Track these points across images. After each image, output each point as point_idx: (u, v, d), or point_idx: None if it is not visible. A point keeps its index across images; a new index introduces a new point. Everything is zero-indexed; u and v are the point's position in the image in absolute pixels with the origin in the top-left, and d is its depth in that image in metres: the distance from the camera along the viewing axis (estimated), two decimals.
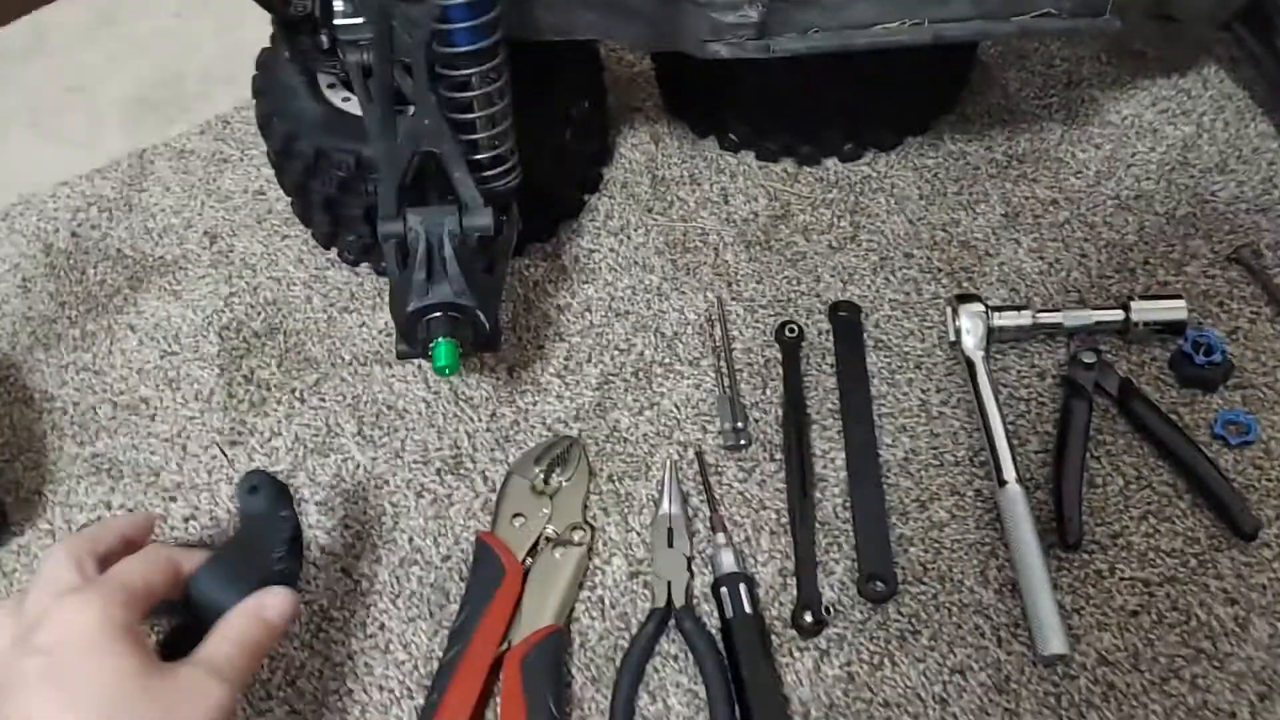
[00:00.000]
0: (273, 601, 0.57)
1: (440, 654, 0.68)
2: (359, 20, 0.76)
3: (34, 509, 0.78)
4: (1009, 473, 0.70)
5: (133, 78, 1.08)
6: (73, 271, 0.92)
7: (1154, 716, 0.63)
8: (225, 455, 0.79)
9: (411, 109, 0.72)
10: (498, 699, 0.66)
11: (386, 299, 0.85)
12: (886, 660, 0.66)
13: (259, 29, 0.91)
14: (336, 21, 0.77)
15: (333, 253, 0.89)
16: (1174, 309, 0.77)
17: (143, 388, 0.84)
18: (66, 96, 1.08)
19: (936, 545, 0.70)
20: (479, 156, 0.75)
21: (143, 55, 1.10)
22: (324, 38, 0.82)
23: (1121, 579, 0.68)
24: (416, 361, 0.82)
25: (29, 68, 1.11)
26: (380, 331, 0.84)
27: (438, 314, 0.70)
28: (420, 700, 0.67)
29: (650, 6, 0.75)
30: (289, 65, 0.86)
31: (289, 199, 0.91)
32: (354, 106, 0.83)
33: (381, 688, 0.68)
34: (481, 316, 0.71)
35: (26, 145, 1.04)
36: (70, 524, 0.77)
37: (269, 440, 0.79)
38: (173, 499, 0.77)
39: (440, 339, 0.70)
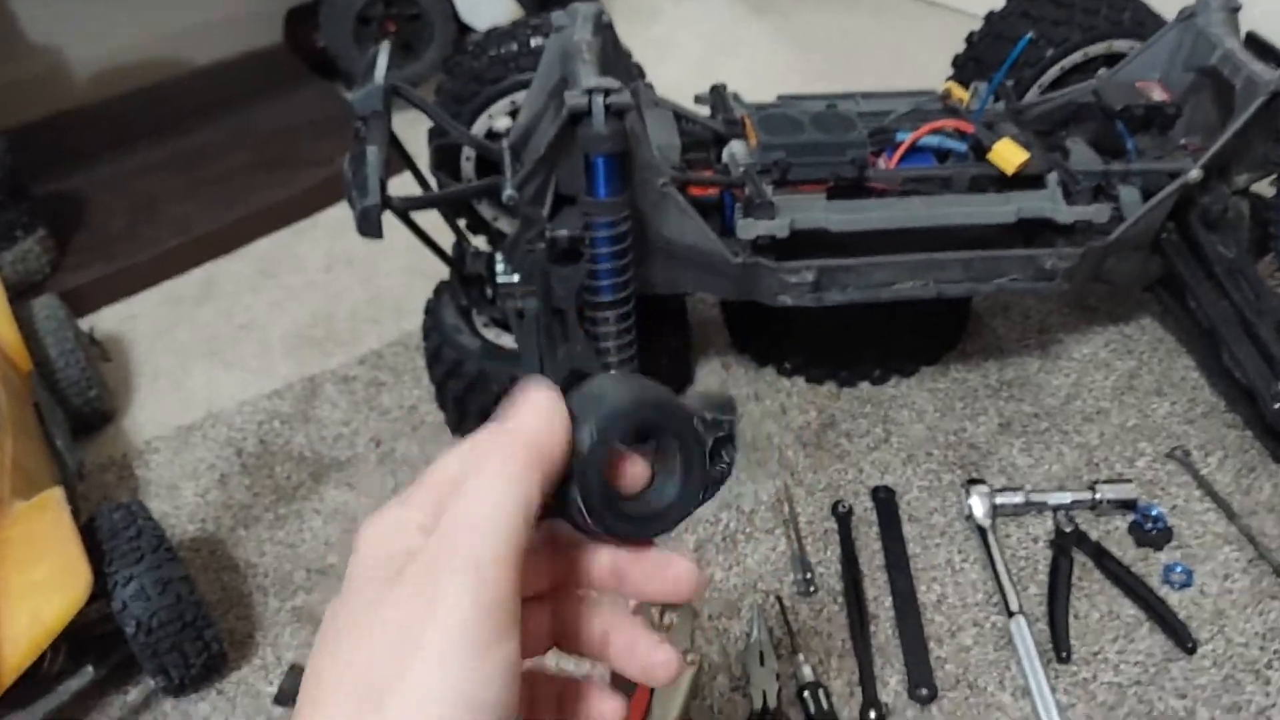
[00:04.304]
0: None
1: None
2: (515, 278, 1.11)
3: (248, 650, 1.05)
4: (1015, 607, 1.00)
5: (293, 319, 1.42)
6: (262, 469, 1.22)
7: None
8: None
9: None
10: None
11: None
12: None
13: (395, 281, 1.26)
14: (499, 279, 1.12)
15: None
16: (1128, 490, 1.09)
17: (330, 556, 1.12)
18: (239, 333, 1.41)
19: (964, 662, 0.99)
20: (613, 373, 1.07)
21: (300, 301, 1.45)
22: (488, 290, 1.17)
23: (1101, 683, 0.96)
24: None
25: (204, 309, 1.45)
26: None
27: None
28: None
29: (735, 269, 1.11)
30: (453, 310, 1.20)
31: (443, 412, 1.23)
32: (504, 340, 1.17)
33: None
34: None
35: (208, 372, 1.36)
36: (280, 660, 1.03)
37: None
38: None
39: None
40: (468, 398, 1.16)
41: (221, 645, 1.01)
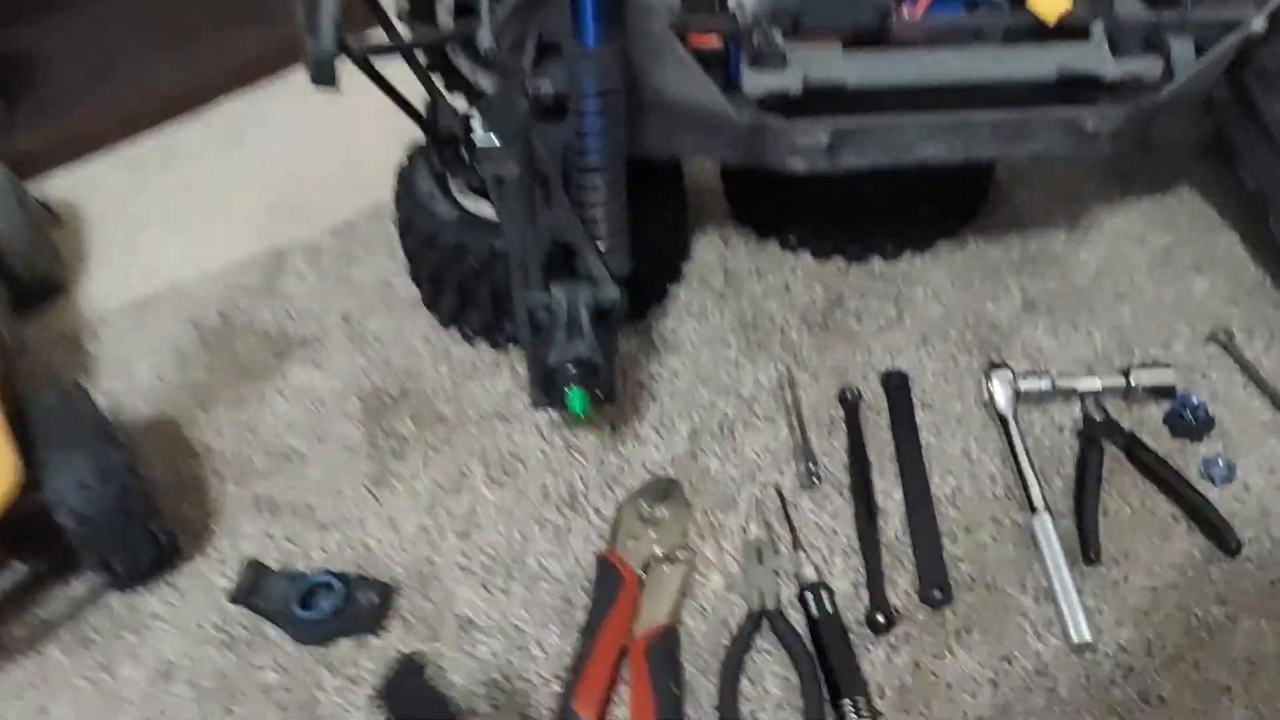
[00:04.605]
0: None
1: (570, 650, 0.86)
2: (494, 139, 0.98)
3: (203, 540, 0.96)
4: (1039, 502, 0.91)
5: (260, 186, 1.31)
6: (223, 346, 1.11)
7: (1165, 691, 0.81)
8: (373, 494, 0.98)
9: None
10: (625, 683, 0.84)
11: (502, 368, 1.06)
12: (947, 651, 0.85)
13: (371, 146, 1.14)
14: (477, 142, 1.00)
15: (453, 332, 1.09)
16: (1166, 375, 0.99)
17: (294, 440, 1.03)
18: (201, 200, 1.30)
19: (982, 561, 0.89)
20: (600, 245, 0.96)
21: (268, 167, 1.33)
22: (464, 153, 1.05)
23: (1133, 586, 0.87)
24: (532, 418, 1.02)
25: (164, 174, 1.34)
26: (500, 394, 1.04)
27: (573, 367, 0.90)
28: (556, 688, 0.84)
29: (740, 130, 0.98)
30: (427, 176, 1.08)
31: (417, 288, 1.12)
32: (483, 209, 1.05)
33: (522, 678, 0.85)
34: (605, 370, 0.92)
35: (167, 241, 1.25)
36: (238, 551, 0.94)
37: (410, 482, 0.98)
38: (326, 530, 0.95)
39: (575, 386, 0.90)
40: (444, 271, 1.05)
41: (173, 537, 0.92)
